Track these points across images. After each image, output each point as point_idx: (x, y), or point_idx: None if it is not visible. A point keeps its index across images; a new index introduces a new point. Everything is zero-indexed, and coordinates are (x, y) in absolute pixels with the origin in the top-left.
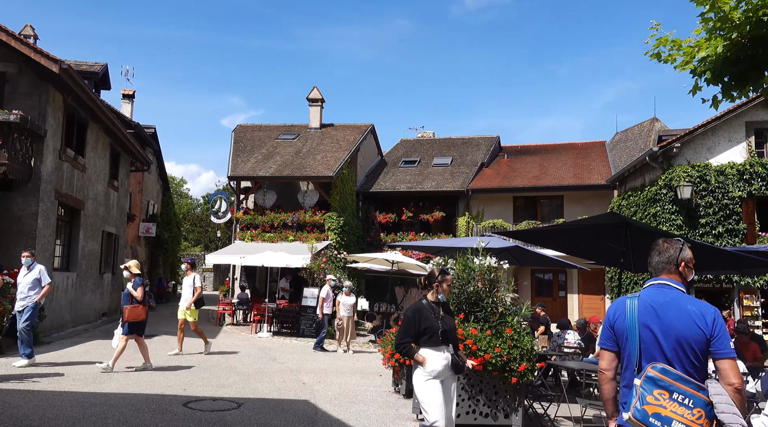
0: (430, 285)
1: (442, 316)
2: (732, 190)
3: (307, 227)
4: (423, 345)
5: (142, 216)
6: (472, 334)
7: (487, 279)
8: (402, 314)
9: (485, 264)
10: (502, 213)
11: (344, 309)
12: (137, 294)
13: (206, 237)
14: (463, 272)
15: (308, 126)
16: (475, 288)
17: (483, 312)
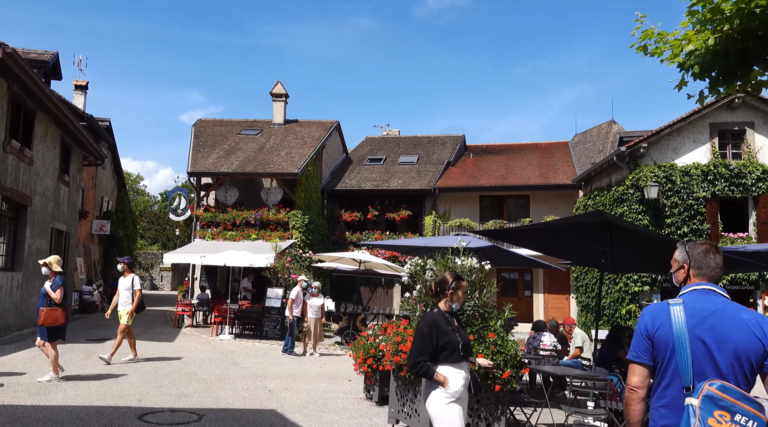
0: (442, 293)
1: (457, 328)
2: (696, 190)
3: (270, 225)
4: (442, 362)
5: (96, 213)
6: None
7: (468, 280)
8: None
9: (467, 265)
10: (468, 212)
11: (312, 311)
12: (55, 296)
13: (164, 235)
14: (444, 273)
15: (272, 122)
16: None
17: (464, 316)
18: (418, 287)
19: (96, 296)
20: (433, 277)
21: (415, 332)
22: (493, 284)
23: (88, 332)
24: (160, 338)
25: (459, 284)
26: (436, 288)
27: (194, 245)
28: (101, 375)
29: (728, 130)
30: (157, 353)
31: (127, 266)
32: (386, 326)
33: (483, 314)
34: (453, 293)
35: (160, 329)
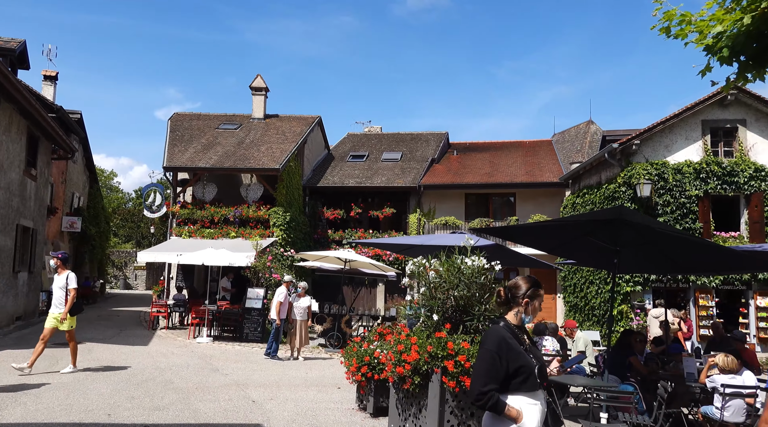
0: (513, 301)
1: (530, 346)
2: (689, 188)
3: (250, 223)
4: (513, 391)
5: (66, 209)
6: (464, 348)
7: (478, 283)
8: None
9: (476, 265)
10: (454, 210)
11: (298, 312)
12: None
13: (138, 233)
14: (450, 275)
15: (251, 116)
16: (465, 293)
17: (474, 321)
18: (422, 289)
19: None
20: (437, 278)
21: (479, 353)
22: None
23: (56, 335)
24: (134, 341)
25: (537, 293)
26: (507, 295)
27: (170, 243)
28: (67, 384)
29: (720, 127)
30: (129, 359)
31: (61, 262)
32: (383, 331)
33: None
34: (528, 302)
35: (133, 332)
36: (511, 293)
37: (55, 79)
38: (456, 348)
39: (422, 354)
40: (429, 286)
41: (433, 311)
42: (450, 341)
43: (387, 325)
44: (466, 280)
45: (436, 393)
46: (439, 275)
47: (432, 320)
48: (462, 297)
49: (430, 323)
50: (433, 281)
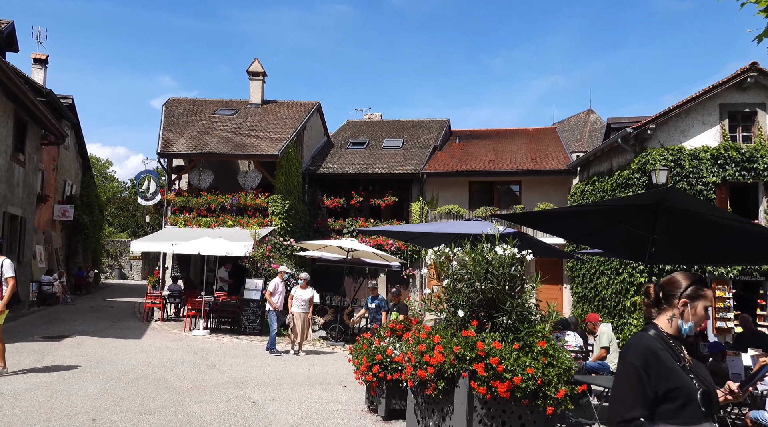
0: (667, 302)
1: (691, 364)
2: (706, 175)
3: (248, 211)
4: (664, 421)
5: (58, 197)
6: (496, 349)
7: (508, 274)
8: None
9: (507, 255)
10: (457, 198)
11: (297, 304)
12: None
13: (133, 222)
14: (477, 265)
15: (248, 102)
16: (494, 286)
17: (506, 318)
18: (444, 282)
19: (57, 286)
20: (461, 269)
21: (619, 368)
22: (537, 278)
23: (45, 327)
24: (126, 334)
25: (700, 292)
26: (657, 294)
27: (165, 232)
28: (51, 383)
29: (739, 111)
30: (121, 354)
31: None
32: (395, 326)
33: (526, 316)
34: (687, 304)
35: (126, 324)
36: (663, 292)
37: (46, 63)
38: (486, 349)
39: (447, 356)
40: (452, 278)
41: (457, 306)
42: (479, 341)
43: (399, 319)
44: (495, 271)
45: (463, 400)
46: (463, 266)
47: (456, 317)
48: (491, 290)
49: (454, 319)
50: (457, 273)
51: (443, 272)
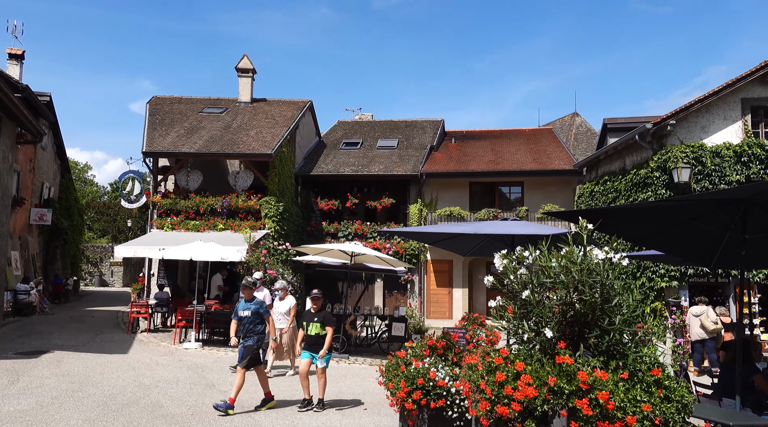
0: None
1: None
2: (729, 173)
3: (240, 214)
4: None
5: (35, 200)
6: (601, 380)
7: (606, 285)
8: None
9: (603, 259)
10: (457, 200)
11: (277, 319)
12: None
13: (114, 227)
14: (567, 274)
15: (237, 100)
16: (591, 299)
17: (605, 340)
18: (525, 293)
19: (34, 295)
20: (545, 278)
21: None
22: (635, 287)
23: (21, 341)
24: (111, 347)
25: None
26: None
27: (151, 236)
28: (26, 414)
29: (762, 106)
30: (107, 372)
31: None
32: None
33: (631, 336)
34: None
35: (110, 336)
36: None
37: (21, 59)
38: (590, 380)
39: (541, 389)
40: (536, 287)
41: (541, 323)
42: (582, 371)
43: (436, 335)
44: (591, 280)
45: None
46: (545, 273)
47: (542, 337)
48: (587, 304)
49: (537, 341)
50: (542, 282)
51: (517, 280)
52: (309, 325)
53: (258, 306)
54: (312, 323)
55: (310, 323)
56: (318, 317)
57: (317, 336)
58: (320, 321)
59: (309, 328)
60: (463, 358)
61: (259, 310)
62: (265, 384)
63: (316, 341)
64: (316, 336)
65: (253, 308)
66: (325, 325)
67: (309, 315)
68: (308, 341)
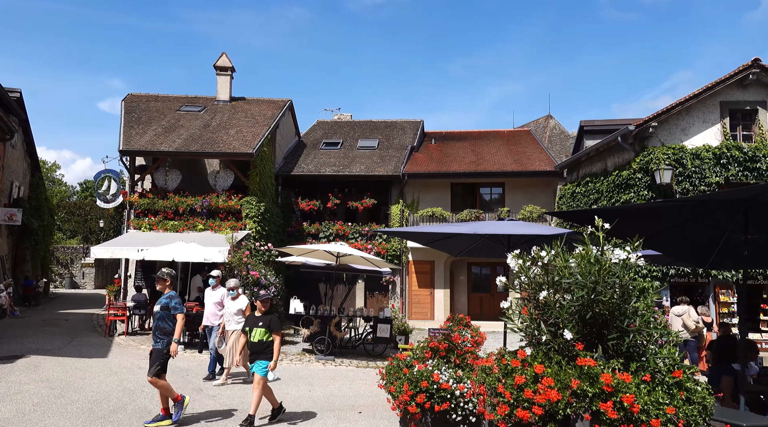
0: None
1: None
2: (709, 175)
3: (220, 214)
4: None
5: (3, 200)
6: (625, 382)
7: (626, 286)
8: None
9: (623, 259)
10: (439, 201)
11: (235, 320)
12: None
13: (86, 228)
14: (585, 274)
15: (216, 98)
16: (609, 299)
17: (626, 341)
18: (542, 293)
19: (4, 297)
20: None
21: None
22: (656, 287)
23: None
24: (89, 352)
25: None
26: None
27: (128, 237)
28: (8, 421)
29: (739, 109)
30: (88, 377)
31: None
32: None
33: (649, 337)
34: None
35: (87, 340)
36: None
37: None
38: (614, 382)
39: (564, 392)
40: (554, 287)
41: (559, 324)
42: (606, 373)
43: (437, 336)
44: (610, 280)
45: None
46: (560, 273)
47: (562, 340)
48: (607, 304)
49: (555, 342)
50: (560, 282)
51: (530, 281)
52: (252, 330)
53: (168, 300)
54: (256, 329)
55: (253, 328)
56: (263, 322)
57: (261, 343)
58: (266, 326)
59: (252, 334)
60: (465, 360)
61: (169, 304)
62: (166, 398)
63: (260, 348)
64: (260, 343)
65: (163, 301)
66: (272, 331)
67: (252, 319)
68: (252, 350)
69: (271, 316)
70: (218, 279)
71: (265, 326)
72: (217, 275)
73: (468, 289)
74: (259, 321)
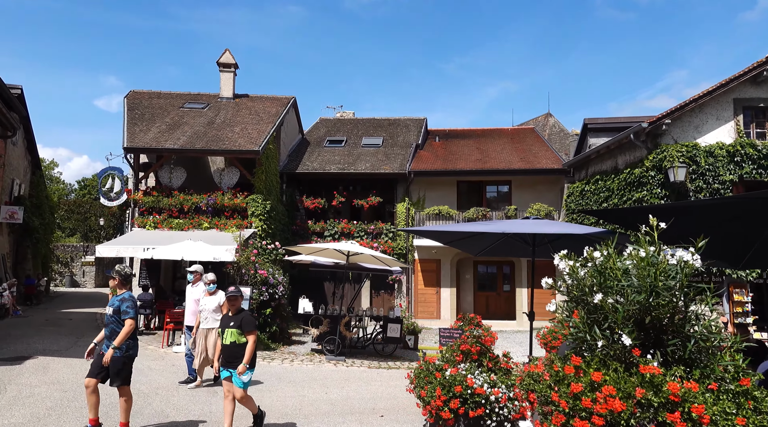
0: None
1: None
2: (723, 173)
3: (225, 212)
4: None
5: (5, 198)
6: (692, 391)
7: (684, 289)
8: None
9: (685, 261)
10: (445, 199)
11: (213, 318)
12: None
13: (86, 226)
14: (643, 277)
15: (219, 95)
16: (667, 303)
17: (688, 347)
18: (597, 296)
19: (6, 297)
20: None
21: None
22: (709, 291)
23: None
24: None
25: None
26: None
27: (133, 235)
28: (23, 425)
29: (753, 106)
30: None
31: None
32: (469, 349)
33: (711, 341)
34: None
35: (92, 340)
36: None
37: None
38: (682, 392)
39: (628, 401)
40: (607, 290)
41: (614, 329)
42: (672, 382)
43: (468, 338)
44: (669, 283)
45: None
46: (611, 275)
47: (620, 345)
48: (670, 309)
49: (614, 347)
50: (612, 285)
51: (581, 283)
52: (224, 332)
53: (120, 303)
54: (228, 330)
55: (225, 329)
56: (235, 322)
57: (234, 346)
58: (237, 326)
59: (225, 335)
60: (498, 363)
61: (120, 307)
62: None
63: (233, 352)
64: (232, 346)
65: (115, 303)
66: (244, 331)
67: (225, 320)
68: (224, 354)
69: (244, 314)
70: (197, 275)
71: (236, 325)
72: (195, 270)
73: (474, 287)
74: (231, 321)
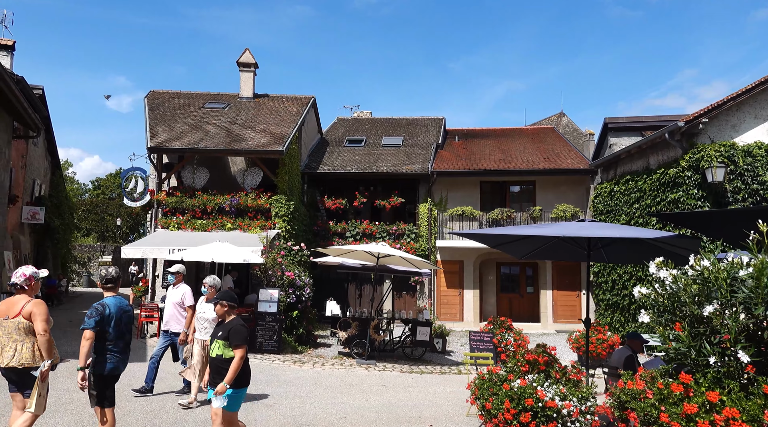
0: None
1: None
2: (762, 173)
3: (249, 213)
4: None
5: (26, 198)
6: None
7: None
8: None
9: None
10: (468, 199)
11: (206, 326)
12: None
13: (102, 225)
14: (761, 287)
15: (239, 95)
16: None
17: None
18: (708, 308)
19: None
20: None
21: None
22: None
23: None
24: None
25: None
26: None
27: (157, 236)
28: None
29: None
30: (133, 383)
31: None
32: (536, 358)
33: None
34: None
35: None
36: None
37: (12, 50)
38: None
39: (753, 426)
40: (716, 301)
41: (726, 344)
42: None
43: (532, 348)
44: None
45: None
46: (720, 285)
47: (732, 361)
48: None
49: (729, 364)
50: (726, 296)
51: (688, 293)
52: (212, 342)
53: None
54: (215, 341)
55: (213, 339)
56: (223, 332)
57: (219, 360)
58: (225, 338)
59: (212, 347)
60: (567, 374)
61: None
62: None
63: (217, 368)
64: (218, 359)
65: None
66: (232, 343)
67: (216, 328)
68: (210, 368)
69: (234, 323)
70: (179, 275)
71: (224, 336)
72: (177, 271)
73: (497, 289)
74: (220, 330)
